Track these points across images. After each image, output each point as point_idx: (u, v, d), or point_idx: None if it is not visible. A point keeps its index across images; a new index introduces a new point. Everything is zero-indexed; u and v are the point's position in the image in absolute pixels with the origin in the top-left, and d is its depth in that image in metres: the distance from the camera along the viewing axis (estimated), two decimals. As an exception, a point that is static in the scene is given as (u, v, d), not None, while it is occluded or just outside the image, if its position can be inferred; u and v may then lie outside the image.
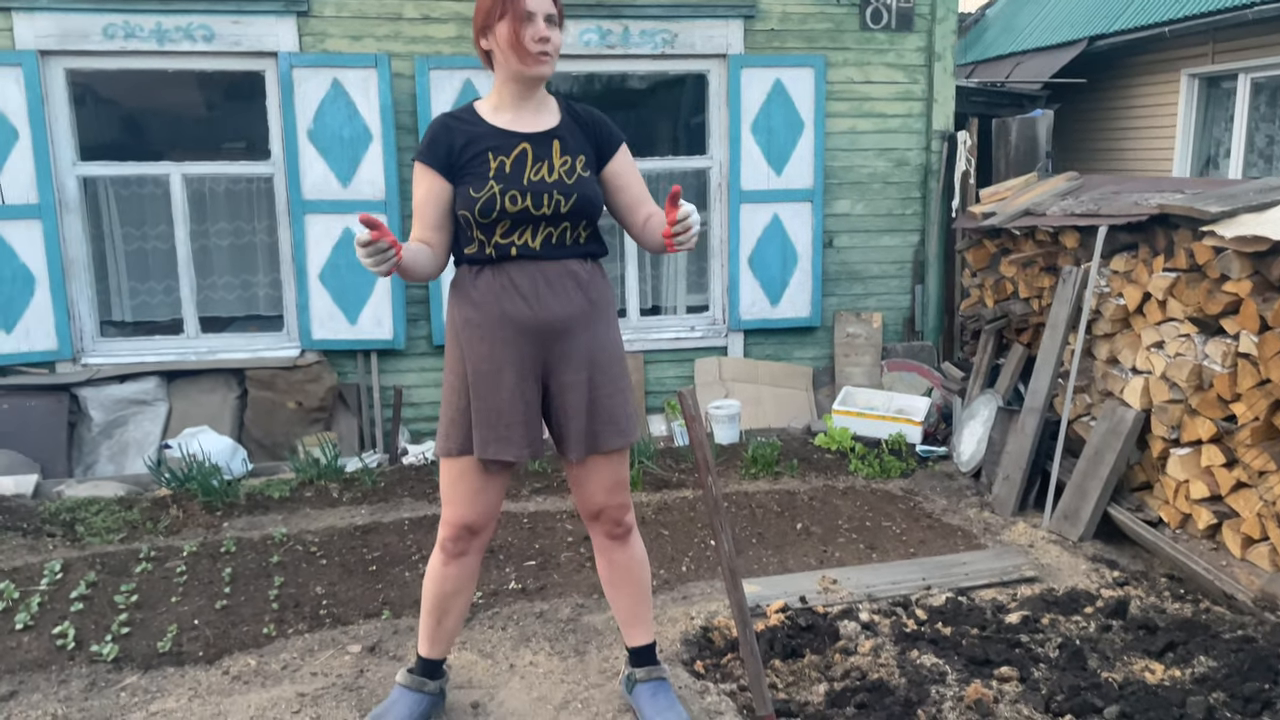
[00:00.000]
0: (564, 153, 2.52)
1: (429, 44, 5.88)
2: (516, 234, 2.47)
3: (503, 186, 2.44)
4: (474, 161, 2.46)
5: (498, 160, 2.46)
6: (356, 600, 3.74)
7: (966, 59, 12.12)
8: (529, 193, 2.45)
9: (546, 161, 2.49)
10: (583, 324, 2.53)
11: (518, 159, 2.47)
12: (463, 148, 2.47)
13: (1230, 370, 3.79)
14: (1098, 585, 3.81)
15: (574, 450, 2.58)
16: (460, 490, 2.59)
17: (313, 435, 5.71)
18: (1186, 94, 9.07)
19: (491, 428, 2.50)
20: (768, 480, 5.13)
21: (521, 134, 2.51)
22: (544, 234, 2.49)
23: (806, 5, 6.24)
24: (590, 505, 2.68)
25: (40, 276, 5.61)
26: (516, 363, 2.49)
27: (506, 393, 2.49)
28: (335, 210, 5.81)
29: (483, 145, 2.47)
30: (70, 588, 3.83)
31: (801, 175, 6.35)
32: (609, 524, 2.70)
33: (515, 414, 2.50)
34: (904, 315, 6.69)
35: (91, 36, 5.50)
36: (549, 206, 2.46)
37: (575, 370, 2.53)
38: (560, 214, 2.48)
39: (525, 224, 2.47)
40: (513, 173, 2.45)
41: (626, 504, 2.71)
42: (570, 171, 2.50)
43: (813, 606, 3.58)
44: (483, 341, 2.49)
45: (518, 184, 2.44)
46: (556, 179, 2.48)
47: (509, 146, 2.48)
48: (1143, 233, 4.36)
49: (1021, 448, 4.65)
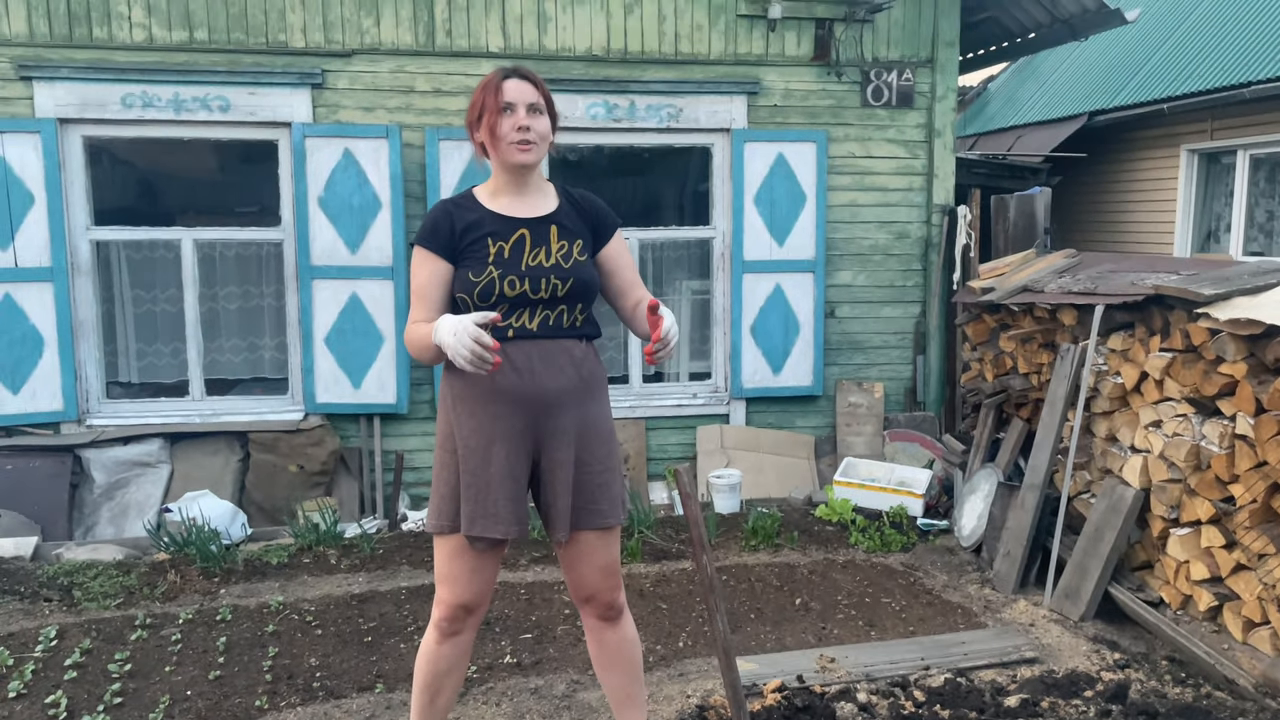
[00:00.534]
0: (561, 237, 2.57)
1: (439, 116, 6.01)
2: (514, 316, 2.51)
3: (501, 271, 2.49)
4: (474, 246, 2.52)
5: (497, 245, 2.51)
6: (350, 672, 3.72)
7: (969, 131, 12.30)
8: (527, 277, 2.50)
9: (544, 247, 2.55)
10: (574, 399, 2.55)
11: (516, 244, 2.53)
12: (463, 232, 2.53)
13: (1228, 451, 3.80)
14: (1098, 667, 3.77)
15: (560, 529, 2.58)
16: (456, 569, 2.59)
17: (313, 499, 5.71)
18: (1186, 169, 9.18)
19: (479, 503, 2.51)
20: (768, 552, 5.11)
21: (520, 219, 2.56)
22: (541, 316, 2.53)
23: (808, 83, 6.38)
24: (582, 588, 2.68)
25: (49, 338, 5.68)
26: (506, 437, 2.50)
27: (495, 468, 2.50)
28: (343, 276, 5.89)
29: (482, 230, 2.53)
30: (65, 655, 3.82)
31: (803, 246, 6.43)
32: (601, 607, 2.69)
33: (504, 490, 2.51)
34: (906, 386, 6.71)
35: (110, 106, 5.64)
36: (546, 290, 2.51)
37: (564, 446, 2.55)
38: (557, 297, 2.53)
39: (523, 307, 2.51)
40: (511, 258, 2.51)
41: (618, 585, 2.70)
42: (567, 256, 2.56)
43: (810, 686, 3.55)
44: (473, 415, 2.51)
45: (516, 269, 2.50)
46: (554, 263, 2.53)
47: (508, 232, 2.54)
48: (1139, 312, 4.40)
49: (1022, 524, 4.64)
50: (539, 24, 6.05)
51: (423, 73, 5.97)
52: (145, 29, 5.65)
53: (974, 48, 7.95)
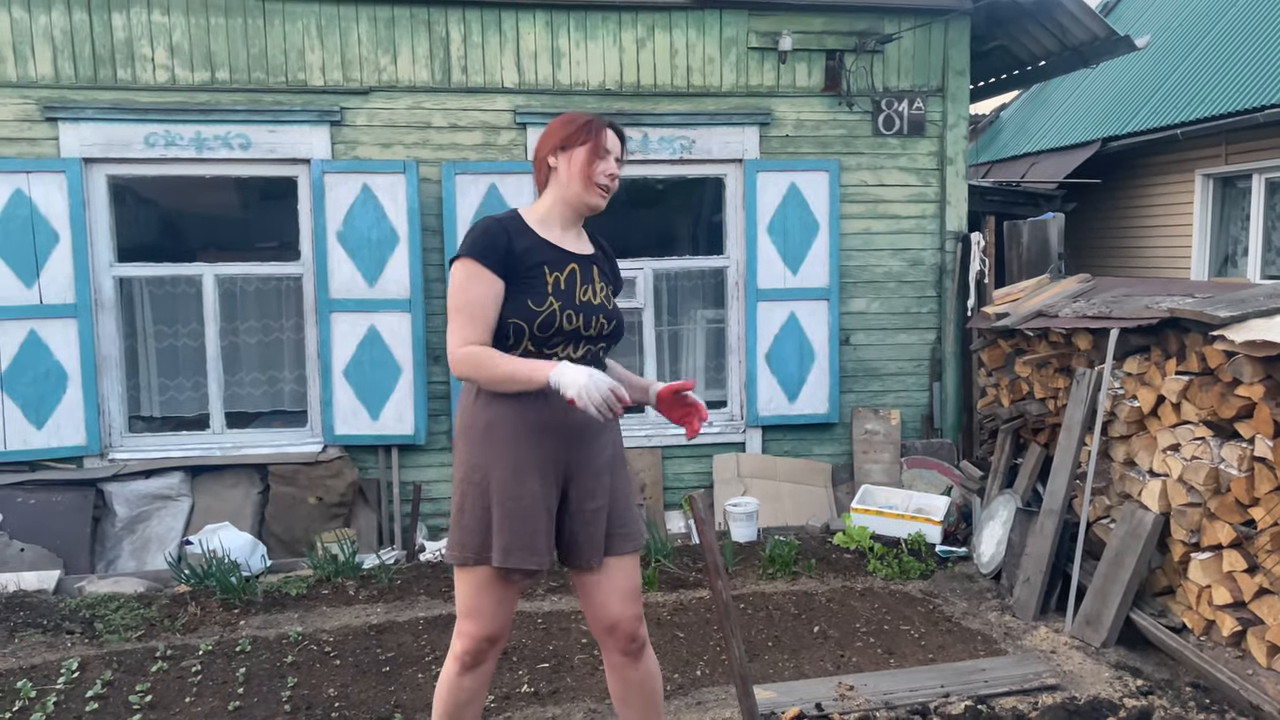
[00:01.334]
0: (601, 279, 2.65)
1: (456, 150, 6.09)
2: (561, 348, 2.55)
3: (561, 304, 2.51)
4: (531, 272, 2.50)
5: (553, 276, 2.53)
6: (368, 703, 3.73)
7: (982, 159, 12.34)
8: (581, 313, 2.55)
9: (591, 286, 2.60)
10: (603, 429, 2.61)
11: (569, 277, 2.56)
12: (521, 254, 2.51)
13: (1247, 474, 3.78)
14: (1121, 694, 3.73)
15: (592, 557, 2.58)
16: (484, 601, 2.56)
17: (332, 531, 5.74)
18: (1201, 194, 9.18)
19: (516, 535, 2.49)
20: (785, 581, 5.09)
21: (571, 253, 2.60)
22: (584, 351, 2.58)
23: (820, 113, 6.44)
24: (604, 617, 2.64)
25: (73, 374, 5.76)
26: (540, 467, 2.51)
27: (529, 499, 2.50)
28: (361, 309, 5.96)
29: (539, 258, 2.53)
30: (86, 686, 3.84)
31: (817, 274, 6.46)
32: (624, 640, 2.65)
33: (538, 521, 2.51)
34: (922, 412, 6.70)
35: (133, 145, 5.75)
36: (595, 329, 2.57)
37: (596, 475, 2.59)
38: (602, 335, 2.61)
39: (573, 340, 2.55)
40: (567, 290, 2.54)
41: (640, 614, 2.68)
42: (609, 298, 2.66)
43: (829, 714, 3.53)
44: (508, 445, 2.50)
45: (572, 303, 2.54)
46: (600, 303, 2.60)
47: (562, 264, 2.56)
48: (1154, 335, 4.39)
49: (1041, 550, 4.61)
50: (553, 59, 6.15)
51: (439, 109, 6.06)
52: (168, 70, 5.78)
53: (985, 76, 8.00)
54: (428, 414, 6.11)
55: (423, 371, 6.03)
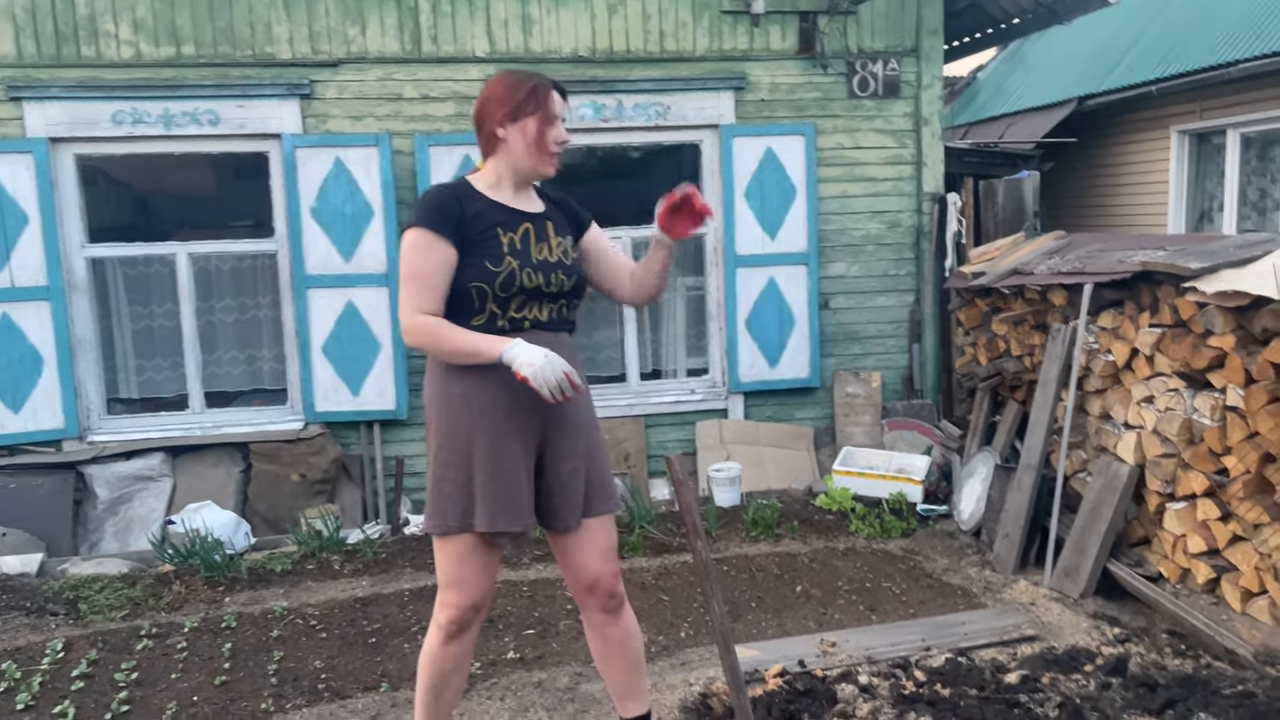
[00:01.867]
0: (557, 234, 2.64)
1: (428, 122, 6.04)
2: (529, 309, 2.55)
3: (520, 263, 2.51)
4: (485, 235, 2.50)
5: (507, 236, 2.53)
6: (355, 673, 3.75)
7: (959, 121, 12.33)
8: (540, 270, 2.54)
9: (546, 243, 2.59)
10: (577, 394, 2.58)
11: (524, 237, 2.56)
12: (472, 219, 2.50)
13: (1219, 424, 3.82)
14: (1098, 643, 3.79)
15: (570, 518, 2.60)
16: (467, 570, 2.57)
17: (315, 507, 5.74)
18: (1177, 150, 9.20)
19: (499, 499, 2.51)
20: (768, 543, 5.13)
21: (524, 213, 2.60)
22: (549, 309, 2.58)
23: (794, 76, 6.41)
24: (584, 575, 2.68)
25: (48, 357, 5.71)
26: (519, 433, 2.53)
27: (510, 463, 2.52)
28: (338, 285, 5.92)
29: (491, 220, 2.53)
30: (72, 666, 3.85)
31: (795, 239, 6.45)
32: (603, 596, 2.69)
33: (519, 484, 2.53)
34: (902, 374, 6.73)
35: (100, 124, 5.68)
36: (555, 285, 2.57)
37: (571, 436, 2.60)
38: (563, 292, 2.59)
39: (537, 300, 2.55)
40: (523, 249, 2.54)
41: (618, 572, 2.73)
42: (566, 254, 2.63)
43: (811, 670, 3.57)
44: (484, 414, 2.50)
45: (530, 261, 2.53)
46: (558, 260, 2.59)
47: (514, 224, 2.56)
48: (1128, 290, 4.42)
49: (1020, 505, 4.66)
50: (524, 27, 6.09)
51: (410, 80, 6.00)
52: (133, 46, 5.69)
53: (958, 35, 7.98)
54: (409, 388, 6.10)
55: (402, 346, 6.01)
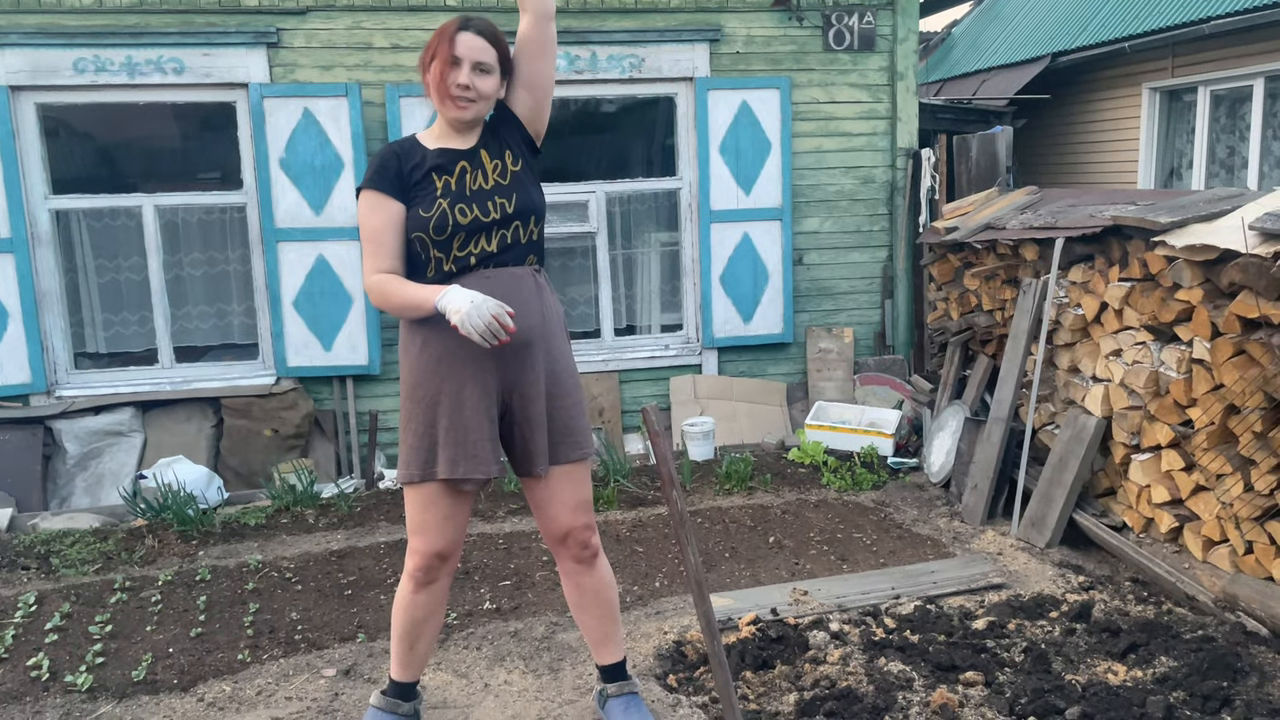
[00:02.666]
0: (492, 157, 2.59)
1: (399, 72, 5.95)
2: (473, 243, 2.53)
3: (450, 200, 2.51)
4: (422, 184, 2.53)
5: (443, 180, 2.53)
6: (331, 624, 3.76)
7: (934, 77, 12.30)
8: (473, 201, 2.52)
9: (480, 170, 2.56)
10: (540, 335, 2.59)
11: (460, 175, 2.55)
12: (410, 170, 2.54)
13: (1185, 376, 3.88)
14: (1063, 590, 3.87)
15: (538, 464, 2.61)
16: (430, 518, 2.61)
17: (289, 462, 5.72)
18: (1148, 107, 9.25)
19: (460, 446, 2.53)
20: (741, 495, 5.18)
21: (459, 150, 2.58)
22: (498, 237, 2.55)
23: (770, 28, 6.36)
24: (556, 526, 2.70)
25: (13, 310, 5.62)
26: (478, 378, 2.53)
27: (470, 409, 2.53)
28: (308, 238, 5.86)
29: (427, 166, 2.54)
30: (45, 619, 3.83)
31: (770, 194, 6.44)
32: (576, 547, 2.72)
33: (481, 430, 2.54)
34: (875, 330, 6.78)
35: (62, 71, 5.54)
36: (496, 211, 2.54)
37: (534, 382, 2.58)
38: (508, 215, 2.55)
39: (478, 232, 2.53)
40: (458, 189, 2.53)
41: (592, 524, 2.74)
42: (504, 173, 2.58)
43: (784, 618, 3.63)
44: (441, 362, 2.53)
45: (463, 197, 2.52)
46: (493, 184, 2.55)
47: (450, 165, 2.55)
48: (1098, 244, 4.46)
49: (989, 457, 4.73)
50: (496, -24, 5.99)
51: (380, 28, 5.90)
52: (94, -9, 5.55)
53: (935, -10, 7.94)
54: (381, 343, 6.06)
55: (374, 300, 5.96)
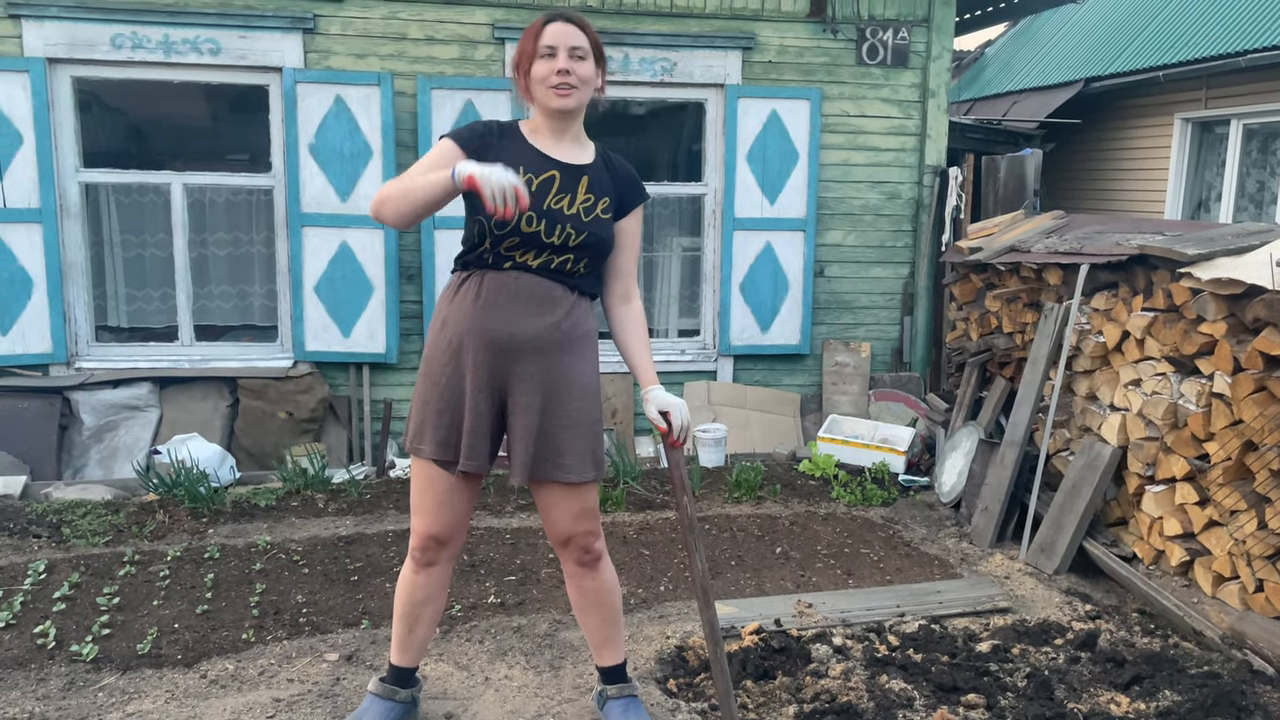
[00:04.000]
0: (589, 190, 2.57)
1: (432, 64, 5.97)
2: (519, 252, 2.53)
3: None
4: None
5: (526, 177, 2.50)
6: (336, 609, 3.78)
7: (965, 96, 12.27)
8: (544, 218, 2.50)
9: (570, 194, 2.55)
10: (546, 347, 2.54)
11: (544, 183, 2.53)
12: (499, 151, 2.52)
13: (1204, 410, 3.86)
14: (1070, 618, 3.85)
15: (515, 473, 2.59)
16: (428, 499, 2.65)
17: (301, 446, 5.75)
18: (1179, 137, 9.19)
19: (447, 431, 2.57)
20: (750, 504, 5.17)
21: (555, 160, 2.57)
22: (545, 258, 2.53)
23: (804, 39, 6.36)
24: (557, 532, 2.69)
25: (38, 280, 5.67)
26: (480, 372, 2.54)
27: (470, 401, 2.54)
28: (333, 224, 5.89)
29: (516, 158, 2.52)
30: (53, 588, 3.86)
31: (795, 205, 6.44)
32: (578, 551, 2.71)
33: (474, 424, 2.55)
34: (892, 346, 6.76)
35: (99, 46, 5.59)
36: (559, 236, 2.52)
37: (529, 393, 2.55)
38: (568, 246, 2.53)
39: (531, 246, 2.52)
40: (537, 195, 2.51)
41: (595, 531, 2.71)
42: (589, 210, 2.56)
43: (787, 629, 3.63)
44: (451, 344, 2.55)
45: (537, 207, 2.50)
46: (575, 213, 2.54)
47: (540, 168, 2.54)
48: (1123, 272, 4.44)
49: (1001, 480, 4.71)
50: (534, -27, 6.01)
51: (415, 20, 5.93)
52: (135, -31, 5.59)
53: (971, 8, 7.93)
54: (399, 333, 6.09)
55: (395, 290, 5.99)
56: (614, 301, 2.71)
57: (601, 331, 2.73)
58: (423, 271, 6.05)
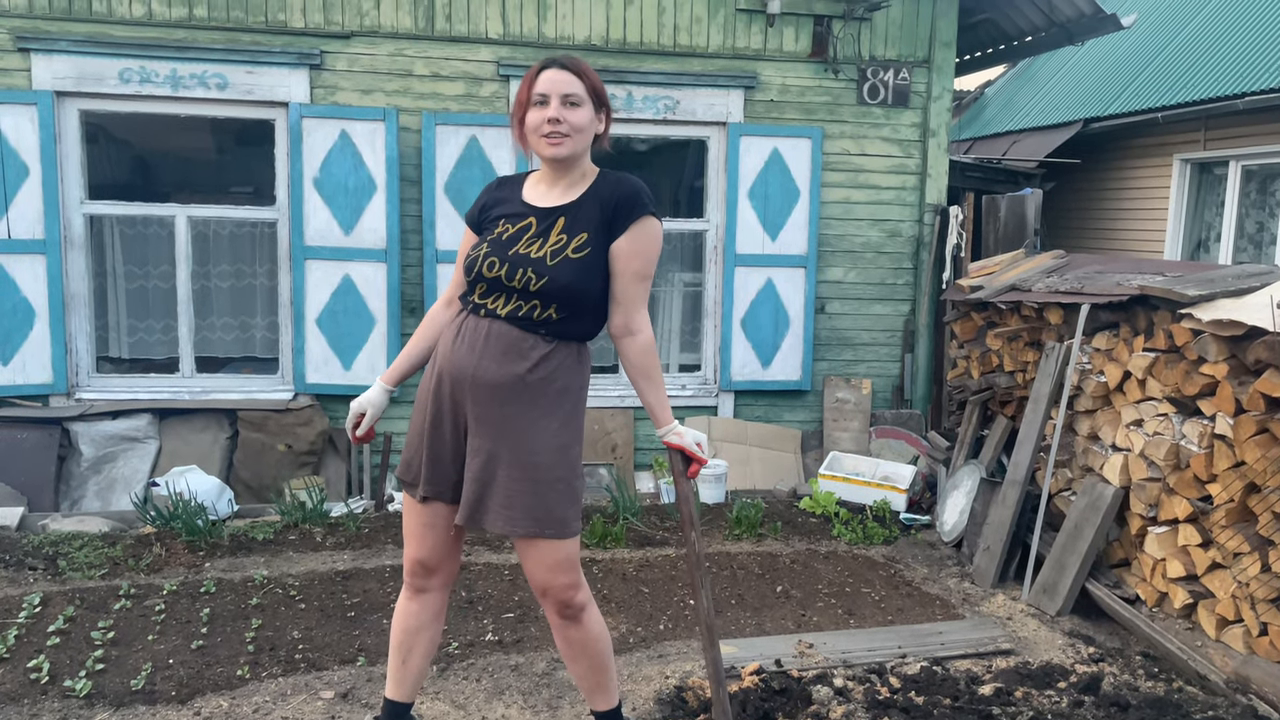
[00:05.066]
0: (564, 230, 2.50)
1: (437, 100, 6.02)
2: (490, 298, 2.53)
3: (488, 250, 2.52)
4: (491, 225, 2.60)
5: (503, 226, 2.55)
6: (333, 645, 3.74)
7: (965, 135, 12.36)
8: (507, 263, 2.49)
9: (542, 239, 2.51)
10: (506, 396, 2.48)
11: (520, 230, 2.53)
12: (488, 207, 2.63)
13: (1207, 451, 3.85)
14: (1073, 660, 3.82)
15: (460, 513, 2.55)
16: (413, 524, 2.69)
17: (300, 479, 5.73)
18: (1178, 178, 9.24)
19: (416, 453, 2.63)
20: (750, 542, 5.14)
21: (534, 207, 2.57)
22: (513, 305, 2.50)
23: (805, 79, 6.42)
24: (534, 582, 2.62)
25: (40, 310, 5.68)
26: (439, 404, 2.56)
27: (435, 429, 2.57)
28: (336, 257, 5.91)
29: (501, 211, 2.59)
30: (48, 622, 3.83)
31: (796, 242, 6.47)
32: (556, 604, 2.62)
33: (436, 452, 2.58)
34: (893, 383, 6.76)
35: (107, 80, 5.64)
36: (519, 281, 2.47)
37: (481, 437, 2.51)
38: (530, 291, 2.47)
39: (499, 292, 2.52)
40: (507, 241, 2.52)
41: (574, 584, 2.60)
42: (558, 252, 2.48)
43: (787, 670, 3.59)
44: (432, 374, 2.61)
45: (503, 253, 2.50)
46: (540, 256, 2.48)
47: (519, 216, 2.56)
48: (1124, 312, 4.45)
49: (1002, 520, 4.69)
50: (539, 11, 6.07)
51: (421, 57, 5.99)
52: (145, 4, 5.66)
53: (971, 50, 8.00)
54: (400, 365, 6.08)
55: (397, 323, 6.00)
56: (616, 333, 2.59)
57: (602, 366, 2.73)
58: (424, 304, 6.06)
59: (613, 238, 2.50)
